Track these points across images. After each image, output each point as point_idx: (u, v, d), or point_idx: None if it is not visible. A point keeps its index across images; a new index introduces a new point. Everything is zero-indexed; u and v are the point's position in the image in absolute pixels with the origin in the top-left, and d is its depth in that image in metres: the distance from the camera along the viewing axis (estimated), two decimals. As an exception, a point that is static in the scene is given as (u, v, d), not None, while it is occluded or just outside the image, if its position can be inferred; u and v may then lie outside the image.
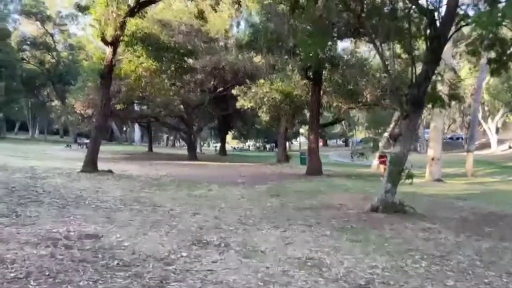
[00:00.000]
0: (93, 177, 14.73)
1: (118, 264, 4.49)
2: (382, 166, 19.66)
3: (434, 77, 10.06)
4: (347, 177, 20.12)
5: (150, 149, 40.12)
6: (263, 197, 11.98)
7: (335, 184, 16.25)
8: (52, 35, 48.83)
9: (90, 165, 16.18)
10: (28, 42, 47.64)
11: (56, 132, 78.87)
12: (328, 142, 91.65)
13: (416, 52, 12.58)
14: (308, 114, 23.94)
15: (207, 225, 7.39)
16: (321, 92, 20.22)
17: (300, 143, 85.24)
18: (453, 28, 9.99)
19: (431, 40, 9.49)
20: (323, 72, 20.00)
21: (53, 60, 49.32)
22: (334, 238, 6.87)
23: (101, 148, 41.25)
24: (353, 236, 7.10)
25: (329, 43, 16.92)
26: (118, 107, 22.66)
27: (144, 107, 33.62)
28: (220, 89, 31.48)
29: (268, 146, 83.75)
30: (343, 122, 55.50)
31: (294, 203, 10.85)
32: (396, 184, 9.62)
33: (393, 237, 7.21)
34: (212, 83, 31.41)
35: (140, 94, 22.73)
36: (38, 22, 45.78)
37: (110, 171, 16.72)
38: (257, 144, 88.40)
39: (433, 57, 9.50)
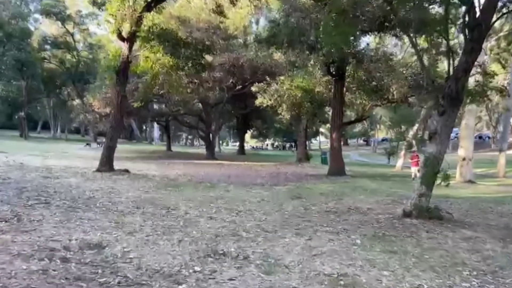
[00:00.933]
0: (108, 177, 14.31)
1: (119, 283, 3.85)
2: (414, 168, 18.62)
3: (474, 69, 9.10)
4: (371, 178, 19.20)
5: (169, 148, 39.86)
6: (283, 199, 11.26)
7: (359, 185, 15.39)
8: (72, 35, 49.11)
9: (106, 164, 15.78)
10: (49, 42, 48.03)
11: (77, 131, 79.98)
12: (349, 141, 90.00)
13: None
14: (330, 112, 23.09)
15: (223, 231, 6.73)
16: (344, 89, 19.34)
17: (320, 142, 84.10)
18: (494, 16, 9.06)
19: (471, 28, 8.58)
20: (346, 68, 19.13)
21: (74, 60, 49.62)
22: (366, 249, 6.10)
23: (120, 147, 41.21)
24: (387, 246, 6.32)
25: (353, 37, 16.08)
26: (135, 105, 22.26)
27: (163, 106, 33.29)
28: (239, 87, 30.86)
29: (287, 145, 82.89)
30: (364, 121, 54.17)
31: (318, 207, 10.10)
32: (431, 187, 8.75)
33: (433, 248, 6.38)
34: (230, 81, 30.82)
35: (158, 92, 22.27)
36: (58, 22, 46.06)
37: (126, 171, 16.31)
38: (276, 143, 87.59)
39: (474, 47, 8.59)
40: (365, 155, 55.93)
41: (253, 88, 22.31)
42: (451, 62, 9.04)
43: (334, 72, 18.87)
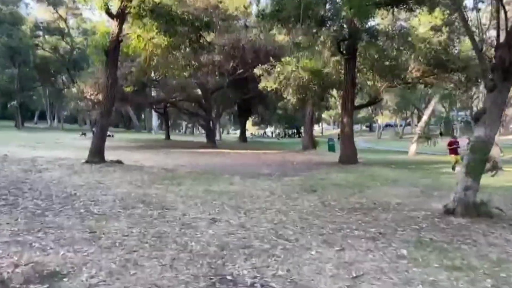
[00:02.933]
0: (97, 169, 12.83)
1: None
2: (452, 156, 16.21)
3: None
4: (386, 165, 17.70)
5: (168, 137, 38.30)
6: (297, 193, 9.79)
7: (377, 174, 13.90)
8: (65, 20, 47.15)
9: (96, 155, 14.30)
10: (41, 28, 46.05)
11: (75, 121, 78.21)
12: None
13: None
14: (338, 95, 21.49)
15: (230, 241, 5.26)
16: (356, 69, 17.72)
17: (323, 128, 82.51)
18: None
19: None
20: (358, 46, 17.50)
21: (67, 46, 47.75)
22: (419, 264, 4.63)
23: (117, 136, 39.78)
24: (445, 258, 4.84)
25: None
26: (128, 89, 20.67)
27: (160, 92, 31.67)
28: (240, 71, 29.17)
29: (289, 132, 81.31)
30: (369, 106, 52.45)
31: (338, 202, 8.62)
32: (478, 178, 7.26)
33: (503, 259, 4.91)
34: (231, 64, 29.11)
35: (152, 75, 20.66)
36: (50, 7, 44.10)
37: (119, 162, 14.84)
38: (278, 131, 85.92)
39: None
40: (370, 141, 54.39)
41: (256, 71, 20.66)
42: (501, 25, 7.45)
43: (344, 51, 17.21)
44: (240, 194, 9.24)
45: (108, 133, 44.31)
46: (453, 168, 15.30)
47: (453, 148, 16.13)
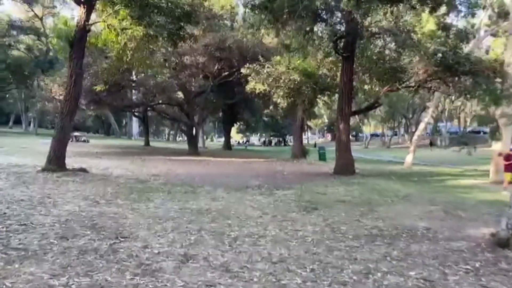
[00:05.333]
0: (53, 178, 10.72)
1: None
2: (509, 174, 12.97)
3: None
4: (386, 177, 16.00)
5: (147, 143, 35.96)
6: (294, 212, 7.90)
7: (381, 188, 12.10)
8: (41, 19, 44.52)
9: (55, 162, 12.16)
10: (14, 26, 43.16)
11: (53, 126, 74.72)
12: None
13: None
14: (330, 100, 19.78)
15: (209, 301, 3.32)
16: (353, 70, 16.03)
17: (308, 137, 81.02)
18: None
19: None
20: (356, 46, 15.87)
21: (43, 47, 45.06)
22: None
23: (93, 141, 37.26)
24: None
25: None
26: (98, 88, 18.51)
27: (140, 95, 29.50)
28: (226, 73, 27.27)
29: (274, 140, 79.56)
30: (356, 115, 51.05)
31: (350, 226, 6.77)
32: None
33: None
34: (216, 67, 27.19)
35: (128, 75, 18.59)
36: (25, 5, 41.51)
37: (83, 170, 12.73)
38: (263, 139, 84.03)
39: None
40: (358, 150, 52.97)
41: (243, 70, 18.77)
42: None
43: (342, 50, 15.49)
44: (224, 214, 7.30)
45: (83, 138, 41.85)
46: (506, 189, 12.40)
47: (510, 164, 13.05)
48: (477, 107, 57.39)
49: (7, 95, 58.17)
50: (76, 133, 45.71)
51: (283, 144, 75.78)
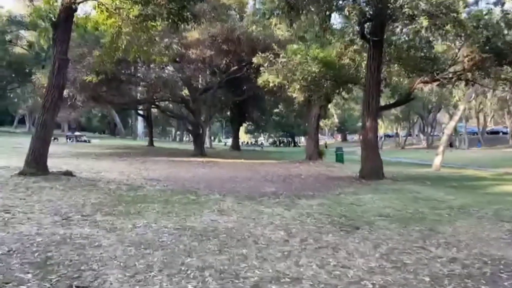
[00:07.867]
0: (27, 184, 8.84)
1: None
2: None
3: None
4: (419, 182, 13.88)
5: (151, 143, 34.07)
6: (330, 233, 5.88)
7: (423, 196, 10.00)
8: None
9: (34, 164, 10.30)
10: (14, 22, 41.47)
11: (58, 126, 73.07)
12: (348, 137, 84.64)
13: None
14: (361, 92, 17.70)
15: None
16: (381, 59, 13.97)
17: (318, 137, 78.74)
18: None
19: None
20: (385, 31, 13.83)
21: (45, 43, 43.33)
22: None
23: (96, 142, 35.57)
24: None
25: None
26: (88, 79, 16.63)
27: (139, 89, 27.63)
28: (234, 67, 25.30)
29: (285, 140, 77.39)
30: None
31: (414, 258, 4.75)
32: None
33: None
34: (224, 61, 25.25)
35: (123, 61, 16.66)
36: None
37: (69, 173, 10.87)
38: (271, 139, 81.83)
39: None
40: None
41: (255, 59, 16.76)
42: None
43: (369, 37, 13.40)
44: (236, 237, 5.33)
45: (84, 138, 40.00)
46: None
47: None
48: (496, 106, 55.10)
49: (11, 95, 56.68)
50: (76, 133, 44.17)
51: (292, 144, 73.59)
